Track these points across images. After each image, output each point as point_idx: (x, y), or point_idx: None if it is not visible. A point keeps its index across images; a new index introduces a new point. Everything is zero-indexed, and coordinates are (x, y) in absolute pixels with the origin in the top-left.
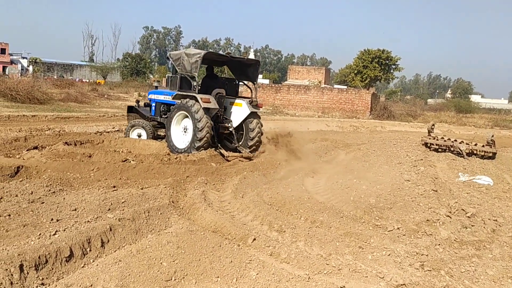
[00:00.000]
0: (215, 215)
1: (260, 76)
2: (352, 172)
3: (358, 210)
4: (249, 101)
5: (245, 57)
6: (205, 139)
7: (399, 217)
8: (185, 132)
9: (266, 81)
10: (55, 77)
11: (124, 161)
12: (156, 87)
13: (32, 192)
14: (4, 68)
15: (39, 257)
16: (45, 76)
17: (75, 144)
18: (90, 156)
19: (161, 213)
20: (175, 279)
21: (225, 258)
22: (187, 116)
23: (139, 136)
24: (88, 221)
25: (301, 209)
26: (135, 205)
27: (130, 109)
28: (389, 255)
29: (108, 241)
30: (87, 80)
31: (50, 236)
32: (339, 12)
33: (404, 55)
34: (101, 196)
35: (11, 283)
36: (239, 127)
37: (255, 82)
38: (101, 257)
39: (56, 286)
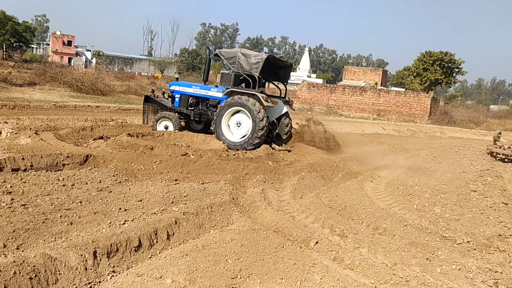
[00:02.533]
0: (275, 214)
1: (313, 75)
2: (412, 179)
3: (423, 219)
4: (284, 100)
5: (289, 62)
6: (263, 136)
7: (468, 230)
8: (238, 126)
9: (320, 81)
10: (116, 69)
11: (184, 155)
12: (177, 79)
13: (100, 180)
14: (69, 59)
15: (110, 245)
16: (107, 68)
17: (137, 136)
18: (152, 149)
19: (223, 210)
20: (240, 277)
21: (288, 259)
22: (238, 111)
23: (166, 128)
24: (155, 213)
25: (363, 214)
26: (197, 199)
27: (147, 98)
28: (459, 269)
29: (173, 234)
30: (146, 74)
31: (119, 225)
32: (398, 12)
33: (467, 58)
34: (164, 188)
35: (85, 268)
36: (272, 123)
37: (286, 83)
38: (167, 249)
39: (127, 274)
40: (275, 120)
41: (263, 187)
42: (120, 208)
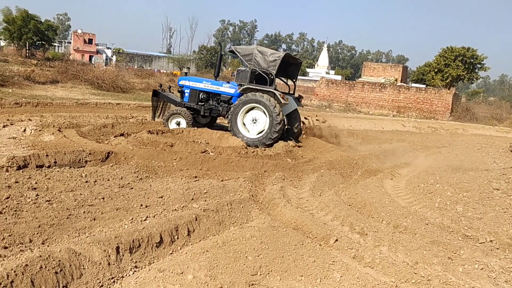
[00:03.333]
0: (295, 212)
1: (332, 72)
2: (434, 176)
3: (444, 218)
4: (294, 97)
5: (301, 60)
6: (281, 130)
7: (490, 229)
8: (254, 123)
9: (339, 77)
10: (135, 67)
11: (203, 152)
12: (186, 74)
13: (121, 177)
14: (90, 57)
15: (133, 241)
16: (127, 66)
17: (157, 133)
18: (172, 146)
19: (242, 207)
20: (260, 274)
21: (308, 257)
22: (253, 108)
23: (178, 124)
24: (175, 209)
25: (383, 212)
26: (217, 196)
27: (156, 93)
28: (482, 269)
29: (194, 230)
30: (165, 71)
31: (141, 221)
32: (419, 6)
33: (490, 53)
34: (184, 185)
35: (109, 263)
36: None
37: (295, 80)
38: (187, 246)
39: (149, 270)
40: (285, 116)
41: (282, 184)
42: (141, 205)
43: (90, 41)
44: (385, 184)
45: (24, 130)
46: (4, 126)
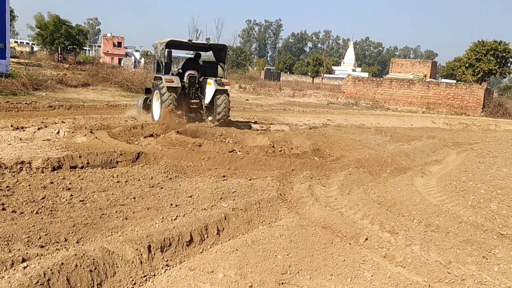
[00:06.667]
0: (323, 210)
1: (358, 69)
2: (466, 174)
3: (478, 216)
4: (215, 80)
5: (208, 43)
6: (168, 109)
7: None
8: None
9: (365, 75)
10: None
11: (231, 151)
12: None
13: (152, 177)
14: (120, 60)
15: (164, 240)
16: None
17: (185, 133)
18: (200, 146)
19: (271, 205)
20: (290, 273)
21: (338, 256)
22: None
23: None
24: (204, 208)
25: (414, 210)
26: (245, 195)
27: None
28: None
29: (223, 229)
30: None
31: (172, 220)
32: (448, 0)
33: None
34: (213, 184)
35: (141, 262)
36: (212, 103)
37: (223, 64)
38: (217, 244)
39: (180, 268)
40: (207, 99)
41: (310, 183)
42: (171, 204)
43: (119, 44)
44: (415, 182)
45: (58, 132)
46: (39, 129)
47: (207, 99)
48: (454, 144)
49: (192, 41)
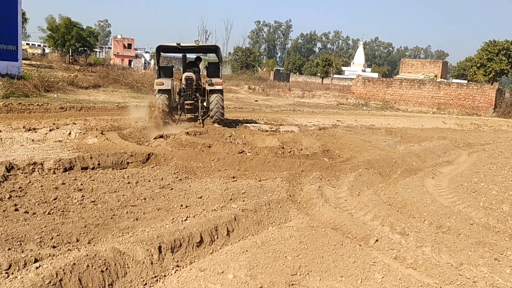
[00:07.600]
0: (333, 212)
1: (368, 69)
2: (478, 175)
3: (490, 218)
4: (206, 80)
5: (197, 45)
6: (159, 110)
7: None
8: None
9: (375, 75)
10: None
11: (240, 152)
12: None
13: (162, 178)
14: (130, 61)
15: (174, 241)
16: None
17: (195, 134)
18: (209, 147)
19: (280, 207)
20: (300, 274)
21: (348, 257)
22: None
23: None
24: (214, 209)
25: (424, 212)
26: (255, 196)
27: None
28: None
29: (233, 230)
30: (201, 73)
31: (182, 221)
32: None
33: None
34: (222, 185)
35: (151, 262)
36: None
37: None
38: (227, 245)
39: (190, 269)
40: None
41: (319, 184)
42: (181, 205)
43: (129, 46)
44: (426, 183)
45: (69, 133)
46: (50, 130)
47: (201, 100)
48: (466, 145)
49: (181, 44)
